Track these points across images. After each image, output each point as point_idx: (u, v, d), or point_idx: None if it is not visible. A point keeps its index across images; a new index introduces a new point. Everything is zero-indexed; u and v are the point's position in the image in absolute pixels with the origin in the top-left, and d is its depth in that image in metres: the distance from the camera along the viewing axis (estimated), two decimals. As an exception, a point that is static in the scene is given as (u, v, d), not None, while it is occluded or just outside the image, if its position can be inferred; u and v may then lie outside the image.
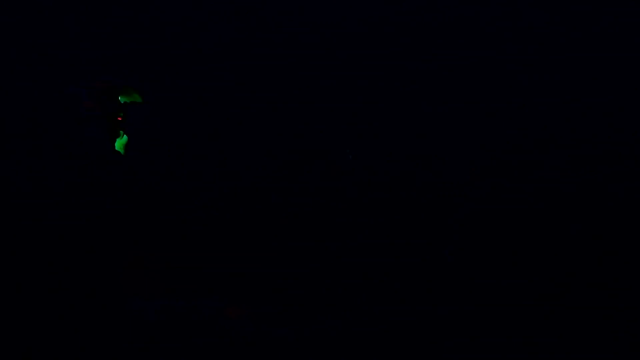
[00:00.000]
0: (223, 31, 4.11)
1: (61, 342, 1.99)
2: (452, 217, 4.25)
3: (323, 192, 4.49)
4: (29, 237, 2.01)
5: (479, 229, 4.21)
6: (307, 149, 4.66)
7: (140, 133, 2.70)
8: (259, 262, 4.24)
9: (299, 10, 4.00)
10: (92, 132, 2.33)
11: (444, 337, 3.57)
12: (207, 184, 4.58)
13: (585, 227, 4.10)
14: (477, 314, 3.73)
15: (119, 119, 2.45)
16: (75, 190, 2.08)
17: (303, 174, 4.61)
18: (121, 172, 2.48)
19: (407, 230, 4.25)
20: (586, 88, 4.29)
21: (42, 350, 1.97)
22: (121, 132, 2.47)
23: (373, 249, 4.18)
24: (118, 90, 2.41)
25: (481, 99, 4.49)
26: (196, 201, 4.47)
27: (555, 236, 4.11)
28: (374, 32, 4.19)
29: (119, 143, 2.49)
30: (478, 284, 3.95)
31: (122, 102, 2.46)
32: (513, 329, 3.61)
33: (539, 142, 4.43)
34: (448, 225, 4.22)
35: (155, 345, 3.24)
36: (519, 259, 4.04)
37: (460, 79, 4.44)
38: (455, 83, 4.46)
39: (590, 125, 4.33)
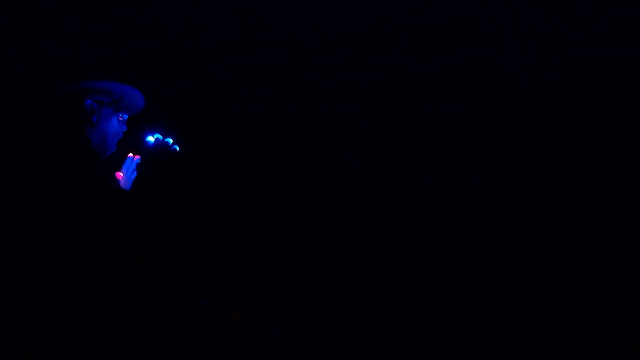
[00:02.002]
0: (223, 31, 4.11)
1: (61, 342, 1.99)
2: (452, 217, 4.25)
3: (323, 192, 4.49)
4: (29, 237, 2.00)
5: (479, 229, 4.20)
6: (307, 149, 4.66)
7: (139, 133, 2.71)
8: (259, 262, 4.24)
9: (299, 10, 3.99)
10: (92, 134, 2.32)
11: (444, 337, 3.57)
12: (207, 184, 4.58)
13: (585, 227, 4.09)
14: (477, 314, 3.73)
15: (120, 119, 2.44)
16: (75, 190, 2.08)
17: (303, 174, 4.61)
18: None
19: (407, 230, 4.24)
20: (586, 88, 4.29)
21: (42, 350, 1.97)
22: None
23: (373, 249, 4.18)
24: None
25: (481, 99, 4.48)
26: (196, 201, 4.47)
27: (555, 236, 4.10)
28: (374, 32, 4.19)
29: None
30: (478, 284, 3.95)
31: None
32: (513, 329, 3.60)
33: (539, 142, 4.42)
34: (448, 225, 4.22)
35: (155, 345, 3.24)
36: (519, 259, 4.04)
37: (460, 79, 4.44)
38: (455, 83, 4.46)
39: (590, 125, 4.33)
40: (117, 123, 2.39)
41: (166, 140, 2.46)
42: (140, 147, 2.47)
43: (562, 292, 3.80)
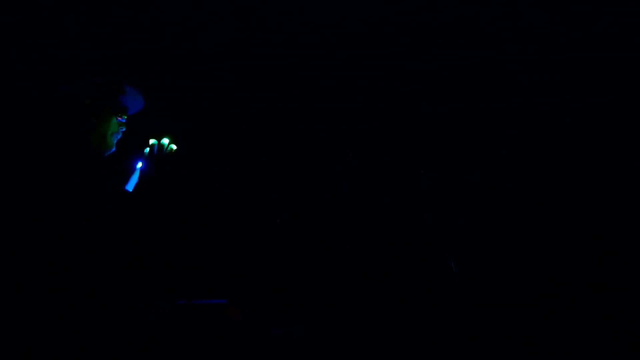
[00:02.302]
0: (223, 31, 4.11)
1: (61, 342, 1.99)
2: (452, 217, 4.25)
3: (323, 192, 4.49)
4: (29, 237, 2.00)
5: (479, 229, 4.20)
6: (307, 149, 4.66)
7: (139, 133, 2.71)
8: (259, 262, 4.24)
9: (299, 10, 3.99)
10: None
11: (444, 337, 3.57)
12: (207, 184, 4.58)
13: (585, 227, 4.09)
14: (477, 314, 3.73)
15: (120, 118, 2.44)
16: (75, 190, 2.08)
17: (303, 174, 4.61)
18: (121, 172, 2.49)
19: (407, 230, 4.24)
20: (586, 88, 4.29)
21: (42, 350, 1.97)
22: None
23: (373, 249, 4.18)
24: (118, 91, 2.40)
25: (481, 99, 4.48)
26: (196, 201, 4.47)
27: (555, 236, 4.10)
28: (374, 32, 4.19)
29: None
30: (478, 284, 3.95)
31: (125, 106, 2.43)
32: (513, 329, 3.61)
33: (539, 142, 4.43)
34: (448, 225, 4.22)
35: (155, 345, 3.24)
36: (519, 259, 4.04)
37: (460, 79, 4.44)
38: (455, 83, 4.46)
39: (590, 125, 4.33)
40: (116, 123, 2.39)
41: (161, 143, 2.45)
42: (139, 152, 2.47)
43: (562, 292, 3.80)
